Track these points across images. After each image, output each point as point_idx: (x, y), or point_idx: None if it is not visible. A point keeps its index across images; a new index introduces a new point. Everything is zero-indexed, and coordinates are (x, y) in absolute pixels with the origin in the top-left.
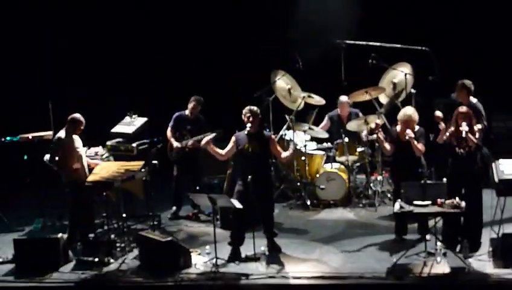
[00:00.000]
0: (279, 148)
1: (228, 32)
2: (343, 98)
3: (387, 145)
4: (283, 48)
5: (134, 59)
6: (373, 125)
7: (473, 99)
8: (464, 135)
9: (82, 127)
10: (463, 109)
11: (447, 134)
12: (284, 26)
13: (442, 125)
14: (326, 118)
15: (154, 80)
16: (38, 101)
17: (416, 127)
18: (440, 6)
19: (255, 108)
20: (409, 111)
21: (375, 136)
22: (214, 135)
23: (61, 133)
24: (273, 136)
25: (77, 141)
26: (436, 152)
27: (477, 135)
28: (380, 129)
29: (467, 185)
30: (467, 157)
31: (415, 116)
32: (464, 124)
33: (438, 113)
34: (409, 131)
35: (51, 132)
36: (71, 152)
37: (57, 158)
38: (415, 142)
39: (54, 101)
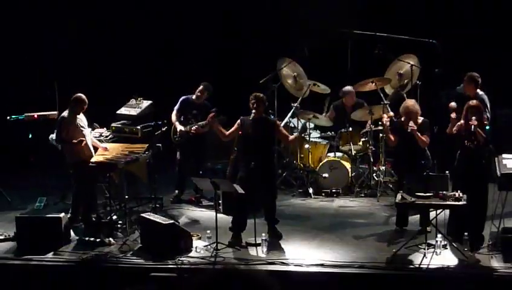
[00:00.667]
0: (285, 132)
1: (236, 19)
2: (348, 88)
3: (391, 136)
4: (291, 35)
5: (142, 42)
6: (385, 116)
7: (479, 91)
8: (473, 129)
9: (85, 107)
10: (473, 102)
11: (456, 127)
12: (293, 15)
13: (454, 115)
14: (331, 107)
15: (161, 63)
16: (44, 80)
17: (420, 119)
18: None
19: (260, 94)
20: (408, 103)
21: (380, 127)
22: (207, 122)
23: (65, 113)
24: (278, 122)
25: (82, 120)
26: (440, 144)
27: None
28: (388, 120)
29: (473, 179)
30: (475, 151)
31: (416, 108)
32: (473, 118)
33: (453, 104)
34: (411, 123)
35: (56, 112)
36: (75, 132)
37: (61, 137)
38: (419, 134)
39: (60, 81)
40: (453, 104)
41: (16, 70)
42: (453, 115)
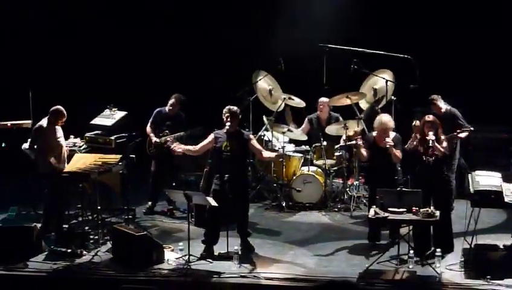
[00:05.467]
0: (258, 146)
1: (212, 31)
2: (323, 99)
3: (363, 152)
4: (266, 48)
5: (118, 54)
6: (351, 133)
7: (447, 107)
8: (430, 143)
9: (64, 120)
10: (429, 118)
11: (414, 142)
12: (269, 27)
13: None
14: (306, 120)
15: (136, 75)
16: (18, 89)
17: (393, 134)
18: (424, 15)
19: (234, 108)
20: (384, 119)
21: (353, 141)
22: (183, 133)
23: (43, 122)
24: (251, 136)
25: (59, 131)
26: (412, 160)
27: (444, 144)
28: (359, 136)
29: (434, 192)
30: (434, 165)
31: (391, 123)
32: (430, 133)
33: (417, 123)
34: (388, 139)
35: (30, 121)
36: (51, 143)
37: (35, 146)
38: (394, 150)
39: (34, 90)
40: (416, 122)
41: None
42: (418, 135)
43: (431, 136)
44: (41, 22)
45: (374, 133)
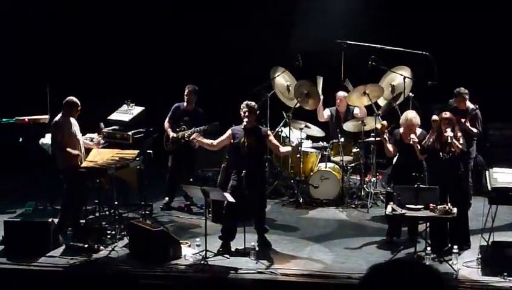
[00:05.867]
0: (276, 142)
1: (231, 26)
2: (341, 93)
3: (390, 147)
4: (285, 45)
5: (135, 48)
6: (379, 126)
7: (471, 105)
8: (449, 140)
9: (78, 109)
10: (447, 114)
11: (431, 139)
12: (287, 24)
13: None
14: (326, 109)
15: (154, 70)
16: (36, 84)
17: (419, 131)
18: (442, 11)
19: (252, 103)
20: (410, 115)
21: (371, 138)
22: (203, 128)
23: (58, 117)
24: (269, 131)
25: (75, 125)
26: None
27: (461, 141)
28: (386, 130)
29: (450, 189)
30: (451, 162)
31: (417, 120)
32: (448, 130)
33: (435, 118)
34: (412, 135)
35: (47, 116)
36: (68, 137)
37: (55, 142)
38: (418, 146)
39: (52, 85)
40: (435, 117)
41: (8, 73)
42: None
43: (449, 132)
44: (59, 18)
45: (401, 130)
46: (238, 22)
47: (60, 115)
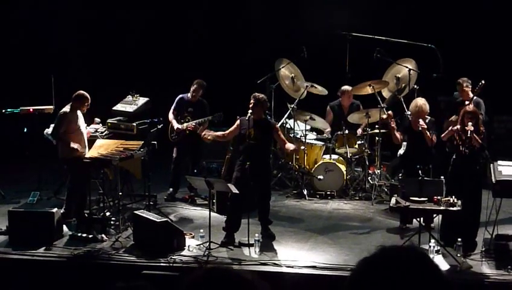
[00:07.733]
0: (283, 137)
1: (236, 18)
2: (346, 87)
3: (398, 134)
4: (289, 37)
5: (140, 39)
6: (384, 116)
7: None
8: (469, 134)
9: (87, 104)
10: (470, 108)
11: (453, 129)
12: (292, 16)
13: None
14: (328, 108)
15: (159, 60)
16: (41, 75)
17: (428, 118)
18: (448, 3)
19: (260, 95)
20: (420, 102)
21: (376, 130)
22: (207, 119)
23: (67, 108)
24: (277, 125)
25: (81, 118)
26: (435, 150)
27: (482, 136)
28: (393, 119)
29: (466, 184)
30: (470, 157)
31: (426, 107)
32: (470, 123)
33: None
34: (421, 122)
35: (52, 106)
36: (73, 129)
37: (58, 132)
38: (428, 133)
39: (57, 76)
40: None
41: (13, 63)
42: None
43: (470, 126)
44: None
45: (410, 118)
46: (243, 12)
47: (68, 107)
